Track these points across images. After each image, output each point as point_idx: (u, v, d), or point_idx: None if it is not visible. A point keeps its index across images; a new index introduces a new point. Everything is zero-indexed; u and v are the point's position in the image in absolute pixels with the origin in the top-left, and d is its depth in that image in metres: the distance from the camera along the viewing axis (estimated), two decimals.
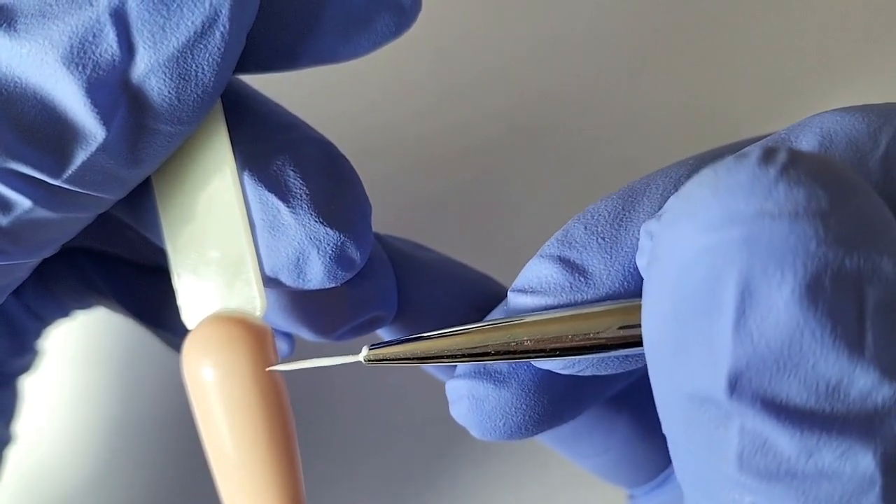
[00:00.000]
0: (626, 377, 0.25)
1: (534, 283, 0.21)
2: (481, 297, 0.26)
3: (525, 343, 0.20)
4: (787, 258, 0.15)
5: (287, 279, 0.21)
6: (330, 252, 0.21)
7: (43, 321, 0.30)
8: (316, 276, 0.21)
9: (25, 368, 0.30)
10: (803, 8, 0.40)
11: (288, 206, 0.21)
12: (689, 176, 0.21)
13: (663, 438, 0.27)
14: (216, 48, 0.18)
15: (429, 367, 0.26)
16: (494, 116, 0.39)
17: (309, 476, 0.28)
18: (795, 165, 0.16)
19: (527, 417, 0.22)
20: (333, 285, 0.22)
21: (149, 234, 0.22)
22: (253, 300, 0.20)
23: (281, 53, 0.21)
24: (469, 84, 0.39)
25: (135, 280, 0.29)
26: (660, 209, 0.21)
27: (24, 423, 0.31)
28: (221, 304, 0.20)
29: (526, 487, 0.37)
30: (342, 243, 0.21)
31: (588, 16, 0.41)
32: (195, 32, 0.18)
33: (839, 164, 0.16)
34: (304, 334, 0.24)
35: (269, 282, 0.21)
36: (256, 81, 0.23)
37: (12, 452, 0.30)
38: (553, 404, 0.23)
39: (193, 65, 0.18)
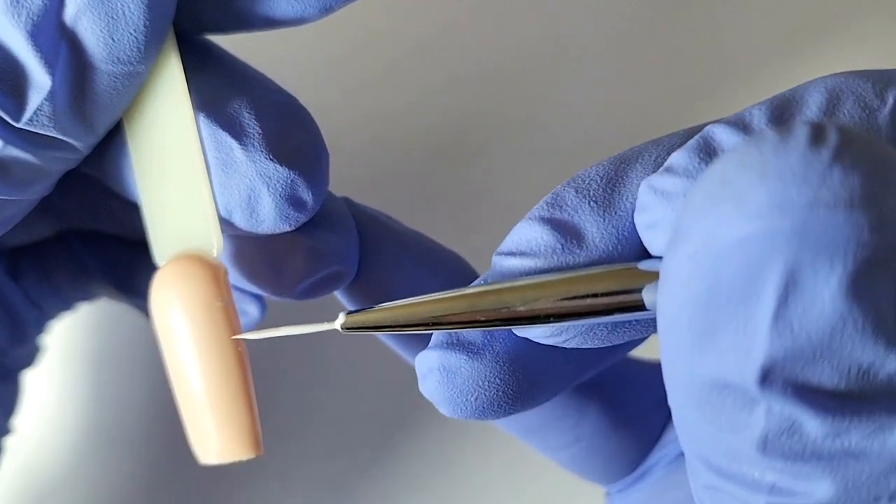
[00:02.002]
0: (601, 361, 0.25)
1: (522, 246, 0.20)
2: (450, 272, 0.26)
3: (518, 308, 0.19)
4: (839, 249, 0.14)
5: (240, 220, 0.22)
6: (280, 189, 0.22)
7: (43, 311, 0.30)
8: (267, 215, 0.22)
9: (27, 362, 0.31)
10: (802, 9, 0.40)
11: (240, 144, 0.21)
12: (681, 146, 0.20)
13: (636, 431, 0.28)
14: None
15: (400, 349, 0.26)
16: (487, 112, 0.39)
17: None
18: (848, 148, 0.15)
19: (500, 393, 0.21)
20: (287, 228, 0.22)
21: (123, 190, 0.23)
22: (209, 239, 0.21)
23: (230, 9, 0.22)
24: (463, 80, 0.40)
25: (121, 256, 0.30)
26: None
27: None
28: (183, 244, 0.22)
29: (502, 489, 0.37)
30: (292, 181, 0.22)
31: (585, 12, 0.41)
32: None
33: (883, 143, 0.16)
34: (264, 290, 0.24)
35: (225, 224, 0.22)
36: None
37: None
38: (528, 380, 0.22)
39: (118, 4, 0.20)
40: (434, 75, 0.40)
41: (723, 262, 0.15)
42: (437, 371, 0.21)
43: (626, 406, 0.27)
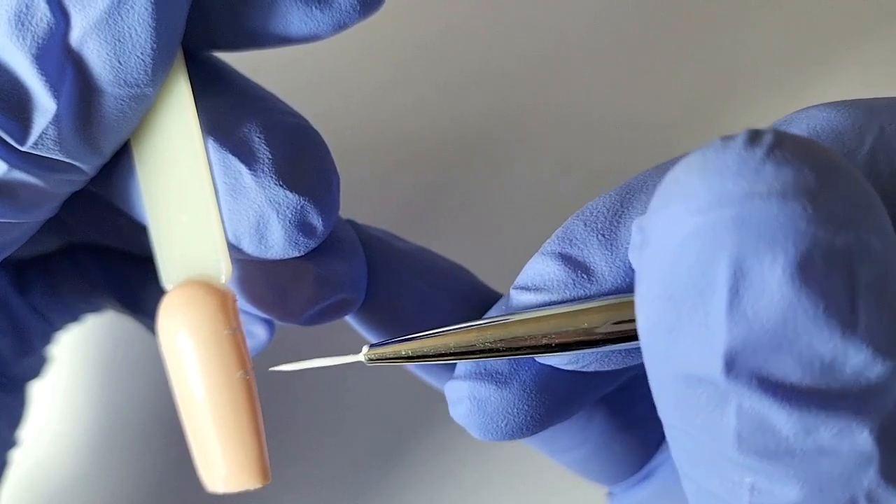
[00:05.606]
0: (623, 374, 0.25)
1: (536, 281, 0.21)
2: (457, 287, 0.26)
3: (523, 339, 0.21)
4: (778, 238, 0.15)
5: (248, 246, 0.22)
6: (290, 216, 0.21)
7: (50, 323, 0.30)
8: (277, 241, 0.21)
9: (33, 374, 0.31)
10: (802, 8, 0.40)
11: (250, 170, 0.21)
12: None
13: (641, 433, 0.28)
14: (143, 8, 0.19)
15: (421, 373, 0.26)
16: (486, 115, 0.39)
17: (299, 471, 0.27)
18: (781, 146, 0.16)
19: (529, 418, 0.22)
20: (296, 254, 0.22)
21: (130, 210, 0.23)
22: (217, 265, 0.21)
23: (242, 28, 0.22)
24: (462, 82, 0.40)
25: (129, 272, 0.30)
26: None
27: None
28: (191, 268, 0.21)
29: (505, 489, 0.37)
30: (302, 207, 0.21)
31: (586, 14, 0.41)
32: None
33: (823, 145, 0.16)
34: (270, 315, 0.24)
35: (234, 250, 0.22)
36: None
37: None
38: (554, 403, 0.23)
39: (125, 26, 0.19)
40: (439, 78, 0.40)
41: (677, 257, 0.16)
42: (467, 400, 0.22)
43: (631, 409, 0.27)
